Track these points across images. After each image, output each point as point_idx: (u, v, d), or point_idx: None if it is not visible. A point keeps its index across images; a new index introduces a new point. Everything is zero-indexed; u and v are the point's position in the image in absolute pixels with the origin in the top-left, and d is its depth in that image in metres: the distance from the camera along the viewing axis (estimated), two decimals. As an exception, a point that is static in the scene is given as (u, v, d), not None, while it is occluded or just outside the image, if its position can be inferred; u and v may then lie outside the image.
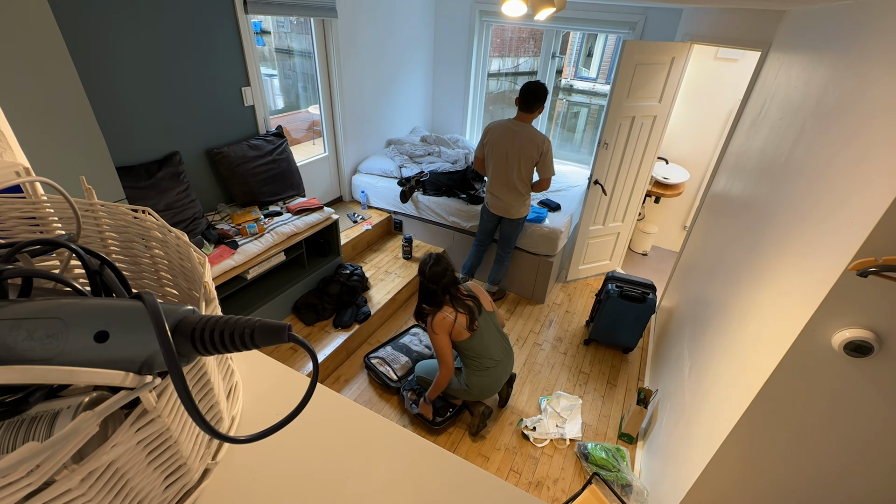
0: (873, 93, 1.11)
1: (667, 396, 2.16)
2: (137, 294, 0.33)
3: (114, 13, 2.00)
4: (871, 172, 1.00)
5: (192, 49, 2.37)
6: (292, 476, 0.50)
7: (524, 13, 1.93)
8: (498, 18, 4.16)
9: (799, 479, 1.20)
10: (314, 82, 3.43)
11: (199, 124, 2.54)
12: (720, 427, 1.33)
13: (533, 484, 2.17)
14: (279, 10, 2.78)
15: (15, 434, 0.32)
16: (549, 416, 2.50)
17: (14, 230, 0.52)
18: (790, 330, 1.10)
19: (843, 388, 1.05)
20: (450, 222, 3.54)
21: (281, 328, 0.32)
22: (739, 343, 1.46)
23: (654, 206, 4.21)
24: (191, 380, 0.40)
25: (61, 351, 0.31)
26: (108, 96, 2.08)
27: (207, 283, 0.44)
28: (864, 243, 0.92)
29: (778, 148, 1.71)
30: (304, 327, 2.78)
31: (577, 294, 3.63)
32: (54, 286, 0.46)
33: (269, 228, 2.59)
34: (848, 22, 1.42)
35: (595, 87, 7.06)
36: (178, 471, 0.42)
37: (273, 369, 0.63)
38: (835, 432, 1.10)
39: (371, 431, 0.56)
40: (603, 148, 3.10)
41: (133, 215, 0.54)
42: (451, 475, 0.52)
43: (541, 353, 2.98)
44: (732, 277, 1.77)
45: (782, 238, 1.40)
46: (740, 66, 3.44)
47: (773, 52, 2.20)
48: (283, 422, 0.33)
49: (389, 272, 3.37)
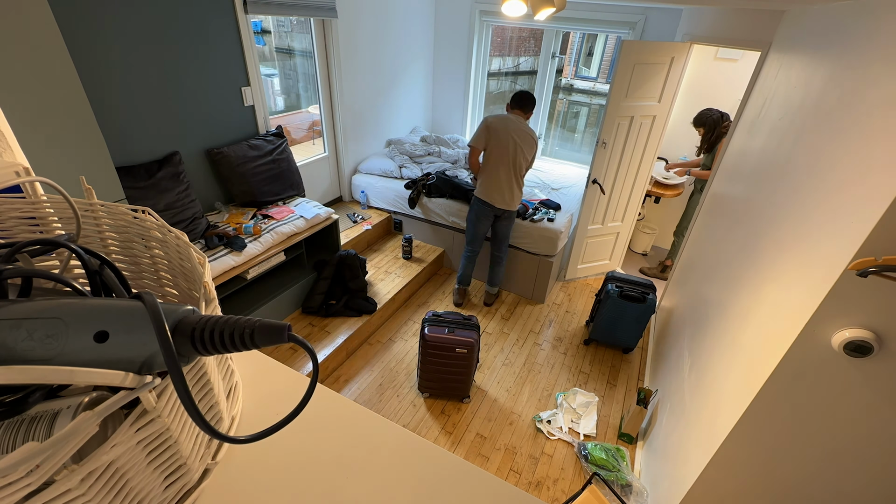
0: (873, 93, 1.11)
1: (667, 396, 2.16)
2: (137, 294, 0.33)
3: (113, 13, 2.00)
4: (870, 172, 1.00)
5: (192, 49, 2.37)
6: (292, 476, 0.50)
7: (524, 13, 1.93)
8: (498, 18, 4.16)
9: (799, 478, 1.20)
10: (314, 82, 3.43)
11: (199, 124, 2.54)
12: (720, 427, 1.33)
13: (533, 484, 2.17)
14: (279, 10, 2.78)
15: (15, 434, 0.32)
16: (564, 411, 2.51)
17: (14, 230, 0.52)
18: (790, 330, 1.10)
19: (842, 388, 1.05)
20: (450, 222, 3.55)
21: (281, 328, 0.32)
22: (739, 343, 1.46)
23: (653, 206, 4.21)
24: (191, 380, 0.40)
25: (61, 351, 0.31)
26: (108, 96, 2.08)
27: (207, 283, 0.44)
28: (864, 243, 0.92)
29: (778, 148, 1.71)
30: (304, 326, 2.78)
31: (577, 294, 3.63)
32: (54, 286, 0.46)
33: (268, 229, 2.59)
34: (848, 22, 1.42)
35: (595, 86, 7.07)
36: (178, 471, 0.42)
37: (273, 369, 0.63)
38: (834, 432, 1.10)
39: (371, 431, 0.56)
40: (601, 147, 3.10)
41: (133, 215, 0.54)
42: (451, 475, 0.52)
43: (541, 353, 2.98)
44: (732, 277, 1.77)
45: (782, 238, 1.40)
46: (740, 66, 3.44)
47: (773, 52, 2.20)
48: (283, 422, 0.33)
49: (389, 272, 3.37)
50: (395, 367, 2.77)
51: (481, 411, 2.53)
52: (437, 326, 2.40)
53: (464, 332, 2.39)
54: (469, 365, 2.43)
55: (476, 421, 2.47)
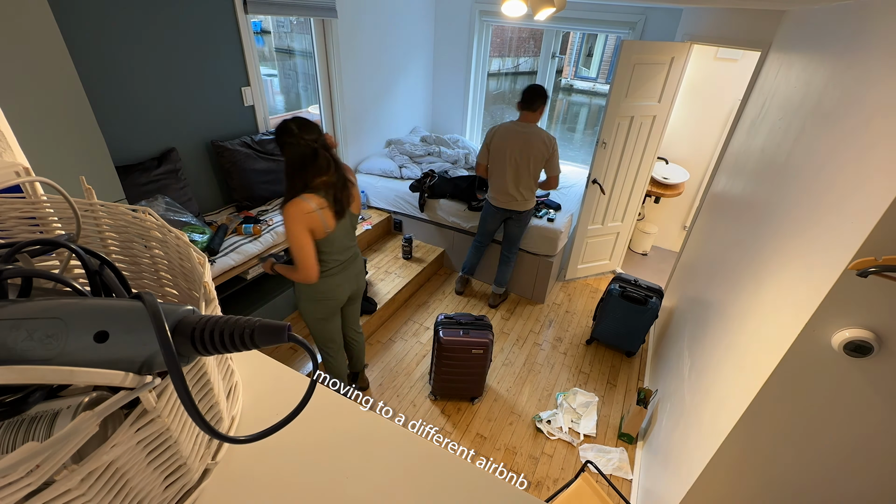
0: (873, 93, 1.11)
1: (667, 396, 2.16)
2: (137, 294, 0.33)
3: (113, 13, 2.00)
4: (871, 172, 1.00)
5: (192, 49, 2.37)
6: (292, 476, 0.50)
7: (524, 13, 1.93)
8: (498, 18, 4.16)
9: (798, 478, 1.20)
10: (314, 82, 3.44)
11: (199, 124, 2.54)
12: (720, 427, 1.33)
13: (533, 484, 2.17)
14: (279, 10, 2.78)
15: (15, 434, 0.32)
16: (564, 411, 2.51)
17: (14, 230, 0.52)
18: (790, 330, 1.10)
19: (842, 388, 1.05)
20: (450, 223, 3.55)
21: (281, 328, 0.32)
22: (739, 343, 1.46)
23: (654, 206, 4.21)
24: (191, 380, 0.40)
25: (61, 351, 0.31)
26: (108, 97, 2.08)
27: (207, 283, 0.44)
28: (864, 243, 0.92)
29: (778, 148, 1.71)
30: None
31: (577, 294, 3.63)
32: (54, 286, 0.46)
33: (268, 229, 2.59)
34: (848, 22, 1.42)
35: (595, 86, 7.06)
36: (177, 471, 0.42)
37: (273, 369, 0.63)
38: (834, 432, 1.10)
39: (371, 431, 0.56)
40: (601, 147, 3.10)
41: (133, 215, 0.54)
42: (451, 475, 0.52)
43: (541, 353, 2.98)
44: (732, 277, 1.77)
45: (782, 238, 1.40)
46: (740, 66, 3.44)
47: (773, 52, 2.20)
48: (283, 422, 0.33)
49: (389, 272, 3.37)
50: (396, 366, 2.77)
51: (481, 411, 2.53)
52: (451, 329, 2.39)
53: (478, 333, 2.39)
54: (483, 365, 2.44)
55: (476, 421, 2.47)
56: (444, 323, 2.43)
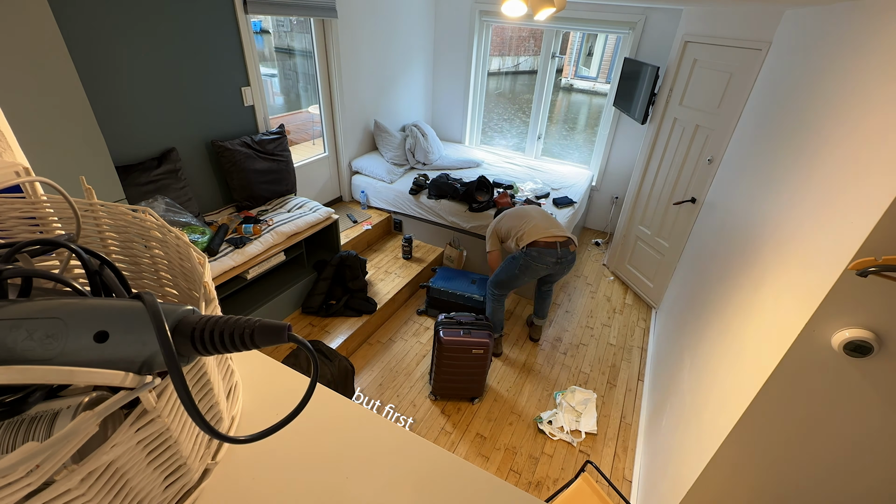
0: (873, 93, 1.11)
1: (667, 396, 2.16)
2: (137, 294, 0.33)
3: (113, 13, 2.00)
4: (870, 172, 1.00)
5: (192, 49, 2.37)
6: (292, 476, 0.50)
7: (524, 13, 1.93)
8: (498, 18, 4.16)
9: (798, 479, 1.20)
10: (314, 82, 3.43)
11: (199, 124, 2.54)
12: (720, 427, 1.33)
13: (533, 484, 2.17)
14: (279, 10, 2.78)
15: (15, 434, 0.32)
16: (564, 409, 2.51)
17: (14, 230, 0.52)
18: (790, 330, 1.10)
19: (842, 388, 1.05)
20: (449, 222, 3.55)
21: (281, 328, 0.32)
22: (739, 343, 1.46)
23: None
24: (191, 380, 0.40)
25: (61, 351, 0.31)
26: (108, 97, 2.08)
27: (207, 283, 0.44)
28: (864, 243, 0.92)
29: (778, 148, 1.71)
30: (304, 326, 2.78)
31: (577, 294, 3.63)
32: (54, 286, 0.46)
33: (268, 229, 2.59)
34: (848, 22, 1.42)
35: (595, 86, 7.06)
36: (177, 471, 0.42)
37: (273, 369, 0.63)
38: (834, 432, 1.10)
39: (371, 431, 0.56)
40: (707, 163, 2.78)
41: (133, 215, 0.54)
42: (451, 475, 0.52)
43: (541, 353, 2.98)
44: (732, 277, 1.77)
45: (782, 238, 1.40)
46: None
47: (773, 52, 2.20)
48: (283, 422, 0.33)
49: (389, 272, 3.37)
50: (395, 366, 2.77)
51: (481, 411, 2.53)
52: (451, 329, 2.39)
53: (479, 333, 2.39)
54: (484, 365, 2.43)
55: (476, 421, 2.47)
56: (444, 323, 2.43)
